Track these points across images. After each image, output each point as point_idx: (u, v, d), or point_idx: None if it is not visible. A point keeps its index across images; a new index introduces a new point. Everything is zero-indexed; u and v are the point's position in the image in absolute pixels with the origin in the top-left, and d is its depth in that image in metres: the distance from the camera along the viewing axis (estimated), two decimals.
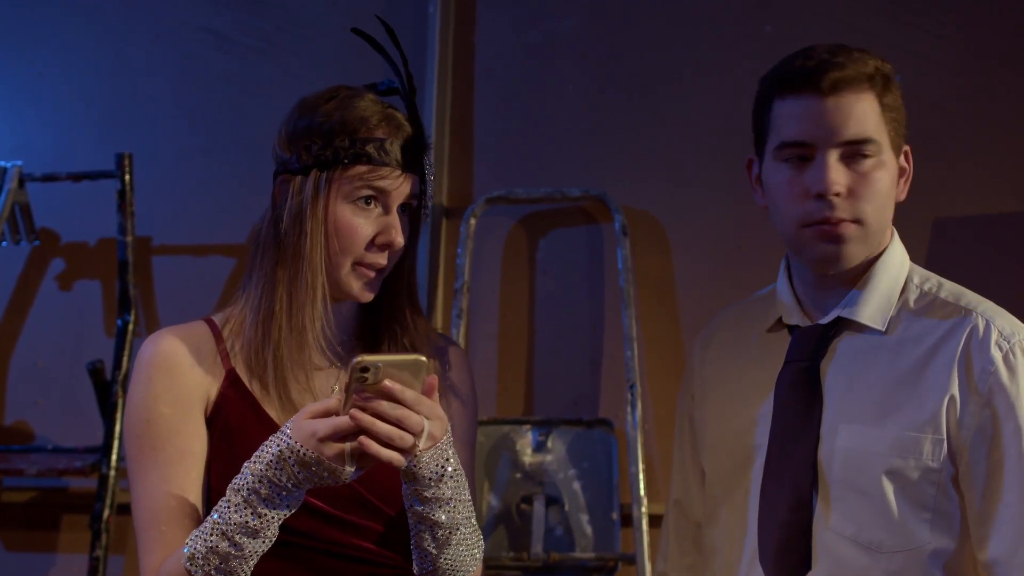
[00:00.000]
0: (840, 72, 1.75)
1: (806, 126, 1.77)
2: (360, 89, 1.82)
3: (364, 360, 1.54)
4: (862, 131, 1.76)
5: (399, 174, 1.75)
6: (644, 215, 3.20)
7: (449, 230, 3.29)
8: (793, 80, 1.78)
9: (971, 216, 3.05)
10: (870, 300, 1.82)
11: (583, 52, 3.28)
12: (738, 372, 1.93)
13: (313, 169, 1.75)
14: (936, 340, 1.79)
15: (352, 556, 1.75)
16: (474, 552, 1.71)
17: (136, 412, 1.73)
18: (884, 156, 1.78)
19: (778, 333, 1.89)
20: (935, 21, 3.11)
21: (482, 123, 3.33)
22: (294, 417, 1.59)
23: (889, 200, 1.80)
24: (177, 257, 3.41)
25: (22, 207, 3.32)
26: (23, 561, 3.39)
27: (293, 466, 1.56)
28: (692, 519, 2.00)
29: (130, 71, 3.46)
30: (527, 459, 3.11)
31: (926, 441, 1.75)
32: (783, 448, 1.82)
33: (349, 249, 1.75)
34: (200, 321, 1.82)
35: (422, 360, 1.57)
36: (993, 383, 1.74)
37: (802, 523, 1.79)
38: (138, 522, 1.71)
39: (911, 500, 1.75)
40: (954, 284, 1.86)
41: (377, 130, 1.75)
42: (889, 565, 1.75)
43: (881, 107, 1.78)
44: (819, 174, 1.75)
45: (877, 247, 1.82)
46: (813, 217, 1.77)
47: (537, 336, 3.25)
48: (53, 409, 3.41)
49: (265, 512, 1.58)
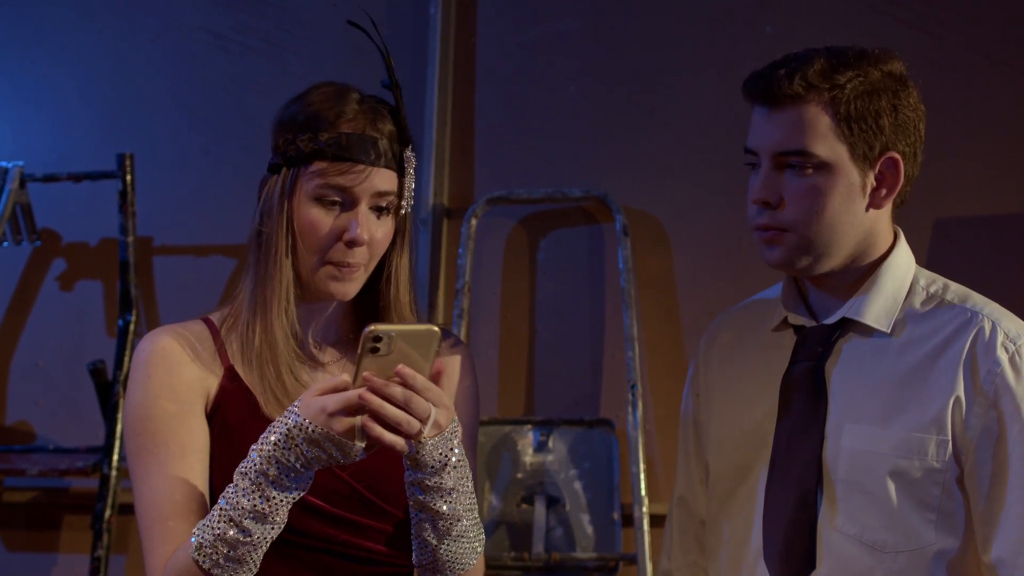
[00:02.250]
0: (779, 84, 1.77)
1: (753, 135, 1.82)
2: (345, 86, 1.79)
3: (377, 329, 1.52)
4: (795, 143, 1.77)
5: (362, 168, 1.71)
6: (645, 215, 3.21)
7: (450, 230, 3.29)
8: (746, 89, 1.82)
9: (971, 216, 3.05)
10: (875, 302, 1.83)
11: (584, 52, 3.28)
12: (743, 372, 1.93)
13: (283, 167, 1.74)
14: (941, 341, 1.79)
15: (353, 555, 1.74)
16: (475, 545, 1.70)
17: (136, 410, 1.72)
18: (833, 168, 1.77)
19: (783, 333, 1.90)
20: (935, 21, 3.11)
21: (483, 123, 3.33)
22: (303, 395, 1.58)
23: (837, 213, 1.78)
24: (178, 257, 3.41)
25: (23, 207, 3.33)
26: (25, 561, 3.40)
27: (301, 444, 1.55)
28: (696, 516, 2.00)
29: (131, 72, 3.47)
30: (528, 459, 3.12)
31: (931, 442, 1.75)
32: (788, 448, 1.83)
33: (315, 247, 1.73)
34: (197, 320, 1.82)
35: (434, 331, 1.55)
36: (999, 384, 1.74)
37: (807, 522, 1.79)
38: (143, 519, 1.69)
39: (916, 500, 1.76)
40: (960, 286, 1.86)
41: (343, 125, 1.73)
42: (893, 565, 1.76)
43: (836, 119, 1.77)
44: (754, 182, 1.81)
45: (842, 254, 1.81)
46: (753, 222, 1.82)
47: (538, 336, 3.25)
48: (54, 409, 3.41)
49: (274, 495, 1.57)
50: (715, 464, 1.94)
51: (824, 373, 1.82)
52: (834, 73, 1.77)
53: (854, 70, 1.78)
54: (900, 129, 1.80)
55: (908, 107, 1.81)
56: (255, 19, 3.44)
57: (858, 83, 1.77)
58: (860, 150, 1.78)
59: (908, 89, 1.81)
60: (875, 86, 1.78)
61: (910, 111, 1.81)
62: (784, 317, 1.90)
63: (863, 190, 1.80)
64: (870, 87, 1.78)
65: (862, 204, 1.80)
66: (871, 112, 1.78)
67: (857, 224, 1.80)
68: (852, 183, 1.79)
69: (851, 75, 1.78)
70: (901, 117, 1.80)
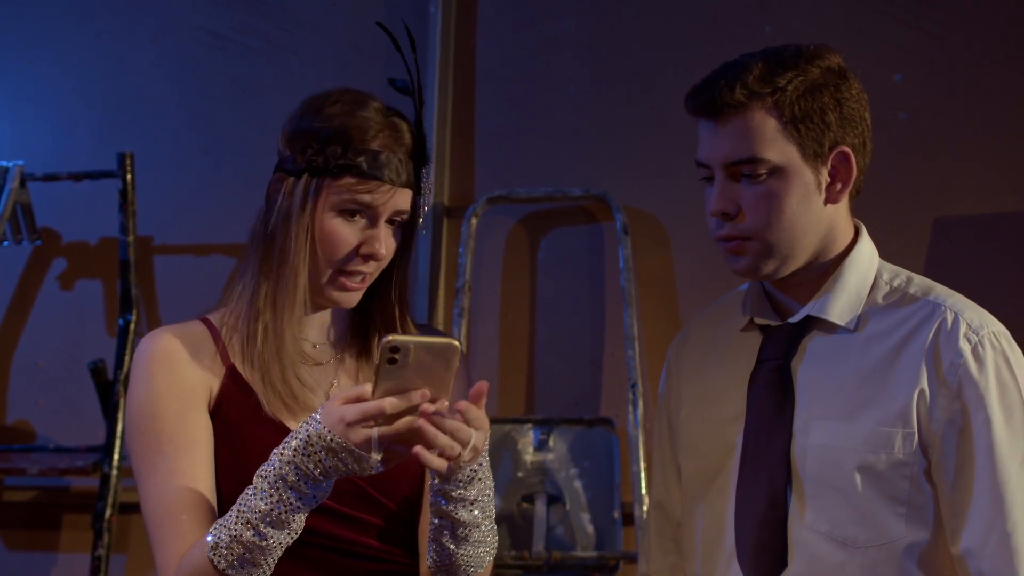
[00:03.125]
0: (721, 95, 1.77)
1: (702, 148, 1.83)
2: (368, 95, 1.80)
3: (395, 340, 1.51)
4: (745, 152, 1.77)
5: (388, 188, 1.73)
6: (645, 214, 3.21)
7: (450, 230, 3.29)
8: (688, 104, 1.83)
9: (971, 216, 3.06)
10: (839, 298, 1.83)
11: (584, 52, 3.29)
12: (712, 372, 1.94)
13: (305, 173, 1.74)
14: (905, 334, 1.79)
15: (355, 552, 1.75)
16: (491, 548, 1.72)
17: (139, 409, 1.72)
18: (786, 170, 1.77)
19: (750, 334, 1.90)
20: (935, 21, 3.12)
21: (483, 123, 3.33)
22: (326, 403, 1.58)
23: (796, 214, 1.78)
24: (178, 257, 3.41)
25: (23, 207, 3.33)
26: (25, 560, 3.40)
27: (320, 452, 1.55)
28: (673, 519, 2.00)
29: (131, 71, 3.47)
30: (528, 458, 3.12)
31: (897, 435, 1.75)
32: (757, 447, 1.83)
33: (332, 258, 1.74)
34: (196, 320, 1.82)
35: (455, 345, 1.54)
36: (962, 376, 1.74)
37: (778, 521, 1.79)
38: (151, 516, 1.69)
39: (885, 495, 1.76)
40: (923, 279, 1.86)
41: (373, 141, 1.74)
42: (864, 560, 1.76)
43: (782, 122, 1.77)
44: (710, 195, 1.81)
45: (806, 253, 1.82)
46: (714, 234, 1.82)
47: (538, 335, 3.25)
48: (54, 409, 3.41)
49: (291, 501, 1.57)
50: (687, 465, 1.95)
51: (790, 371, 1.83)
52: (774, 76, 1.77)
53: (793, 70, 1.78)
54: (847, 122, 1.80)
55: (851, 99, 1.80)
56: (255, 19, 3.44)
57: (799, 83, 1.77)
58: (810, 149, 1.78)
59: (849, 81, 1.81)
60: (816, 83, 1.78)
61: (854, 103, 1.81)
62: (751, 317, 1.90)
63: (818, 187, 1.80)
64: (811, 85, 1.78)
65: (819, 201, 1.80)
66: (816, 110, 1.78)
67: (816, 222, 1.81)
68: (807, 182, 1.79)
69: (791, 76, 1.77)
70: (846, 110, 1.80)
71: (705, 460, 1.90)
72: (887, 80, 3.11)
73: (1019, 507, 1.72)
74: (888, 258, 1.91)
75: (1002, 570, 1.71)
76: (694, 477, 1.92)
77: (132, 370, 1.77)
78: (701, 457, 1.91)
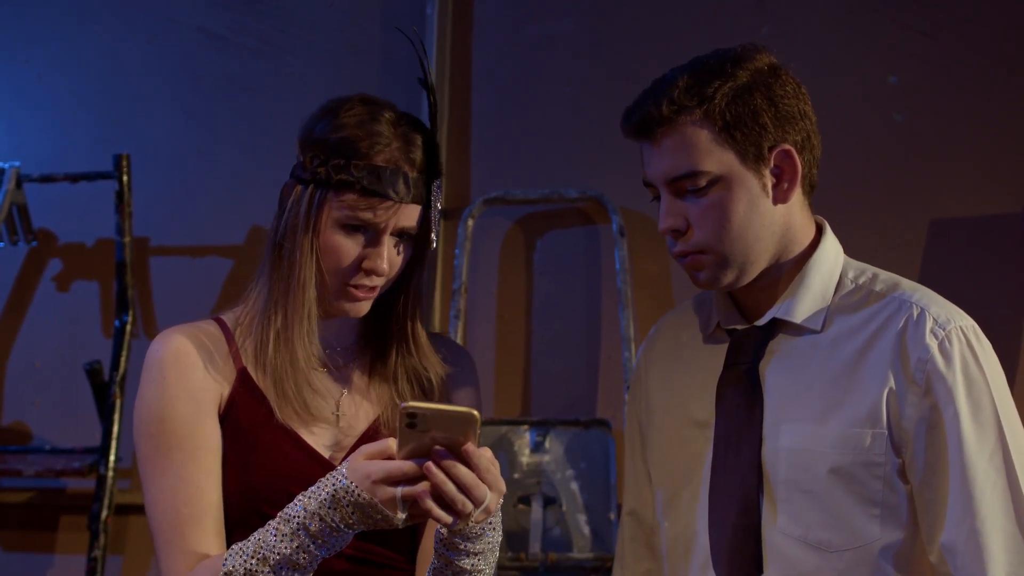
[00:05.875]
0: (650, 114, 1.76)
1: (645, 167, 1.81)
2: (383, 104, 1.77)
3: (411, 407, 1.53)
4: (683, 167, 1.76)
5: (390, 205, 1.71)
6: (641, 216, 3.21)
7: (447, 231, 3.29)
8: (623, 128, 1.82)
9: (968, 217, 3.05)
10: (804, 300, 1.81)
11: (581, 53, 3.28)
12: (680, 377, 1.92)
13: (311, 184, 1.73)
14: (871, 333, 1.77)
15: (356, 557, 1.75)
16: None
17: (149, 411, 1.71)
18: (728, 178, 1.75)
19: (718, 337, 1.89)
20: (931, 21, 3.11)
21: (480, 124, 3.33)
22: (351, 457, 1.59)
23: (745, 221, 1.77)
24: (175, 258, 3.41)
25: (20, 208, 3.33)
26: (21, 562, 3.39)
27: (347, 507, 1.56)
28: (646, 525, 1.98)
29: (128, 72, 3.47)
30: (525, 459, 3.12)
31: (867, 436, 1.74)
32: (727, 452, 1.81)
33: (336, 271, 1.74)
34: (210, 320, 1.82)
35: (474, 415, 1.55)
36: (930, 372, 1.72)
37: (751, 526, 1.77)
38: (157, 522, 1.69)
39: (858, 497, 1.74)
40: (890, 275, 1.84)
41: (379, 156, 1.72)
42: (840, 563, 1.74)
43: (714, 131, 1.75)
44: (660, 214, 1.80)
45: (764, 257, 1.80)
46: (671, 251, 1.81)
47: (534, 337, 3.25)
48: (50, 410, 3.41)
49: (311, 549, 1.58)
50: (658, 471, 1.93)
51: (758, 375, 1.81)
52: (700, 87, 1.76)
53: (720, 78, 1.76)
54: (784, 121, 1.77)
55: (786, 96, 1.78)
56: (251, 19, 3.44)
57: (727, 89, 1.75)
58: (749, 153, 1.76)
59: (782, 78, 1.79)
60: (745, 87, 1.76)
61: (789, 100, 1.78)
62: (718, 321, 1.89)
63: (764, 190, 1.78)
64: (740, 89, 1.76)
65: (767, 204, 1.78)
66: (748, 113, 1.75)
67: (769, 225, 1.79)
68: (751, 188, 1.77)
69: (718, 84, 1.76)
70: (782, 109, 1.77)
71: (676, 465, 1.89)
72: (883, 82, 3.11)
73: (987, 503, 1.70)
74: (885, 259, 1.90)
75: (972, 566, 1.69)
76: (666, 483, 1.91)
77: (143, 370, 1.75)
78: (672, 462, 1.90)
